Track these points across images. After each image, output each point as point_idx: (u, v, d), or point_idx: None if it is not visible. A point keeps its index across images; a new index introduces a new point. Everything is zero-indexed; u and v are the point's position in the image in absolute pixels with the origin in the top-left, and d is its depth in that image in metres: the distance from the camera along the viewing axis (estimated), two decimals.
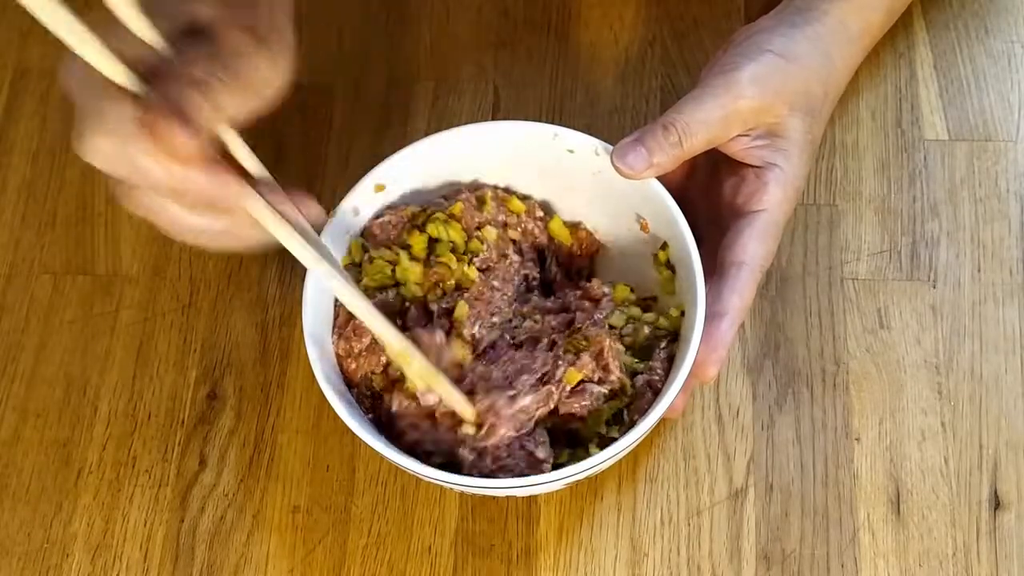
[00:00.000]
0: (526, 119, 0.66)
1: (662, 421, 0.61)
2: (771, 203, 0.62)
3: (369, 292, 0.62)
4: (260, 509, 0.64)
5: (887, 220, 0.70)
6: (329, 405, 0.57)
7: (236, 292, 0.70)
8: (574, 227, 0.66)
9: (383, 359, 0.61)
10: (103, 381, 0.68)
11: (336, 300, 0.62)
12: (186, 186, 0.47)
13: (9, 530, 0.64)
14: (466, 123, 0.65)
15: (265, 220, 0.51)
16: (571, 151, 0.64)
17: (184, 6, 0.48)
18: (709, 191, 0.65)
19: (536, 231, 0.66)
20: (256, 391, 0.67)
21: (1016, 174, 0.71)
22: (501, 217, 0.65)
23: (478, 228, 0.64)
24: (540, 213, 0.66)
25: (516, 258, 0.64)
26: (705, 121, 0.61)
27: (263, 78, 0.48)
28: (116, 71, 0.46)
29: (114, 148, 0.46)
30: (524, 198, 0.66)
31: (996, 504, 0.63)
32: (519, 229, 0.65)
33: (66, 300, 0.70)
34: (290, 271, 0.70)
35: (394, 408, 0.59)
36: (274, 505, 0.64)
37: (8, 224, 0.72)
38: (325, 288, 0.61)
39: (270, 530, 0.63)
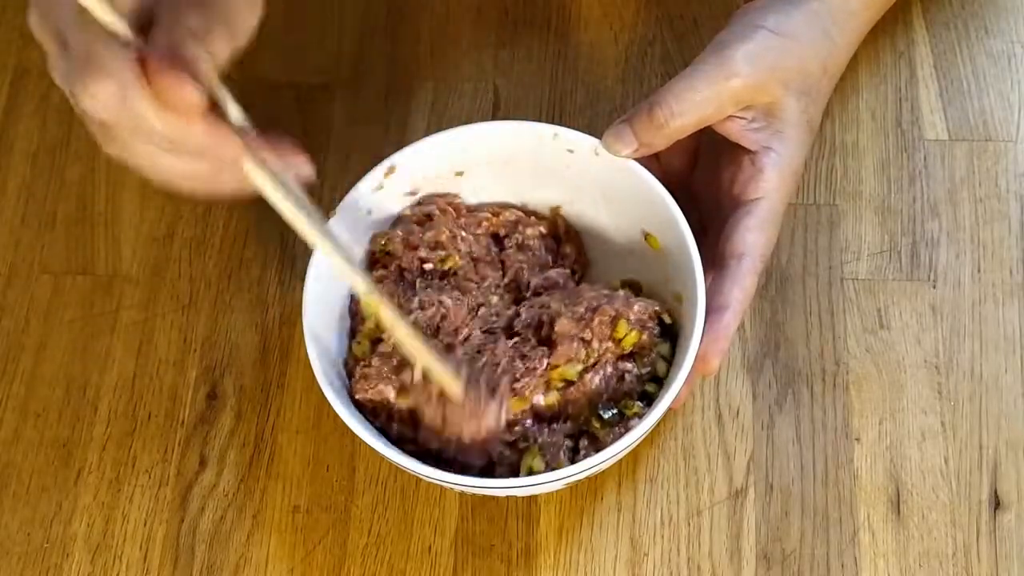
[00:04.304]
0: (526, 119, 0.66)
1: (663, 417, 0.61)
2: (768, 190, 0.62)
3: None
4: (260, 509, 0.64)
5: (887, 220, 0.70)
6: (329, 405, 0.57)
7: (236, 292, 0.70)
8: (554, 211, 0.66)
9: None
10: (103, 381, 0.68)
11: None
12: (184, 138, 0.46)
13: (9, 530, 0.64)
14: (466, 123, 0.65)
15: (262, 185, 0.49)
16: (571, 151, 0.64)
17: None
18: (710, 181, 0.64)
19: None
20: (256, 391, 0.67)
21: (1016, 174, 0.71)
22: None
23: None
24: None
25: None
26: (695, 101, 0.60)
27: (245, 20, 0.47)
28: (111, 17, 0.45)
29: (114, 94, 0.45)
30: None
31: (996, 504, 0.62)
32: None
33: (66, 300, 0.70)
34: (290, 271, 0.70)
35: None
36: (274, 505, 0.64)
37: (8, 224, 0.72)
38: (327, 285, 0.61)
39: (270, 530, 0.63)
